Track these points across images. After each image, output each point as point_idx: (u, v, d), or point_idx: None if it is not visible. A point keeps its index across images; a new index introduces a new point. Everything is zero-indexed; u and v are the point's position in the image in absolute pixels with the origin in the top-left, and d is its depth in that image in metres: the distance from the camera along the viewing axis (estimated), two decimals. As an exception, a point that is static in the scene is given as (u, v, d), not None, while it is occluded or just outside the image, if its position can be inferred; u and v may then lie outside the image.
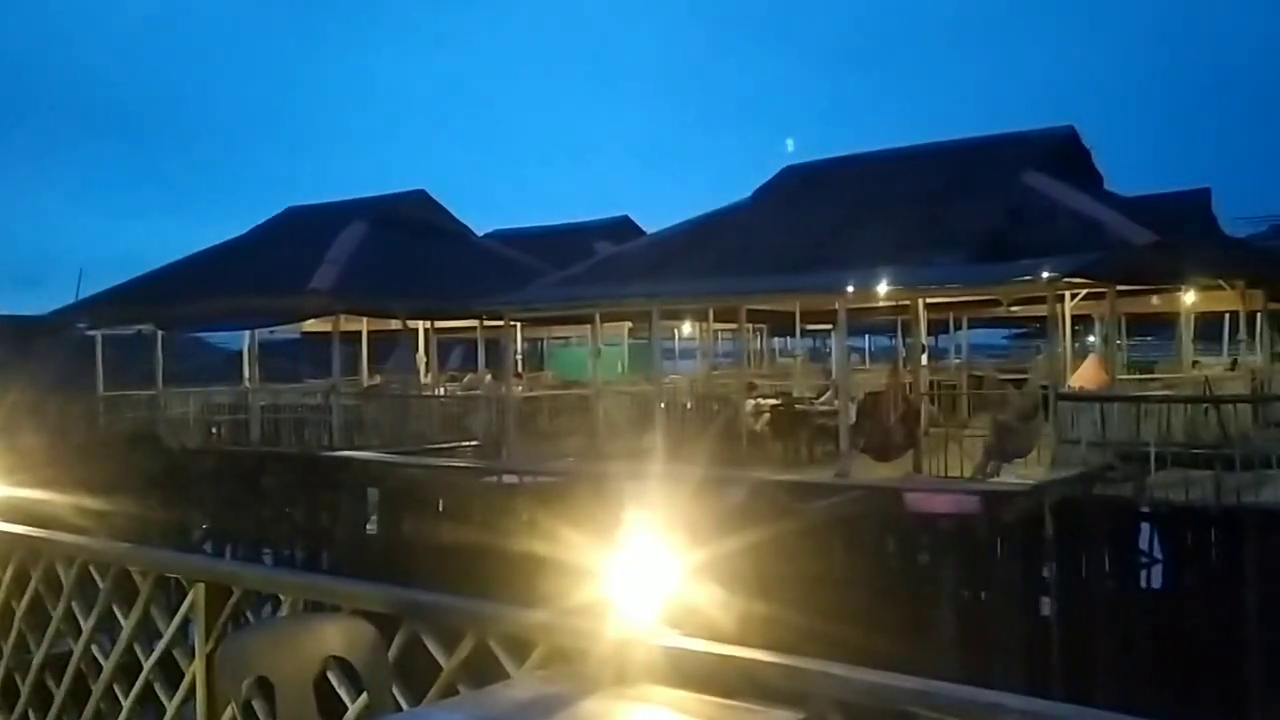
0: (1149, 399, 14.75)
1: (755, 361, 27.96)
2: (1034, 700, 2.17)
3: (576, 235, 29.26)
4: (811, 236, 16.33)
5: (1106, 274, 13.99)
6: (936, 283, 14.64)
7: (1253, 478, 12.03)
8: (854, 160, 19.30)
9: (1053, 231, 14.14)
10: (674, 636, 2.95)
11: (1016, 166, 16.27)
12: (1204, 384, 16.13)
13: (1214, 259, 16.45)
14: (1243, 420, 15.29)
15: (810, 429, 16.06)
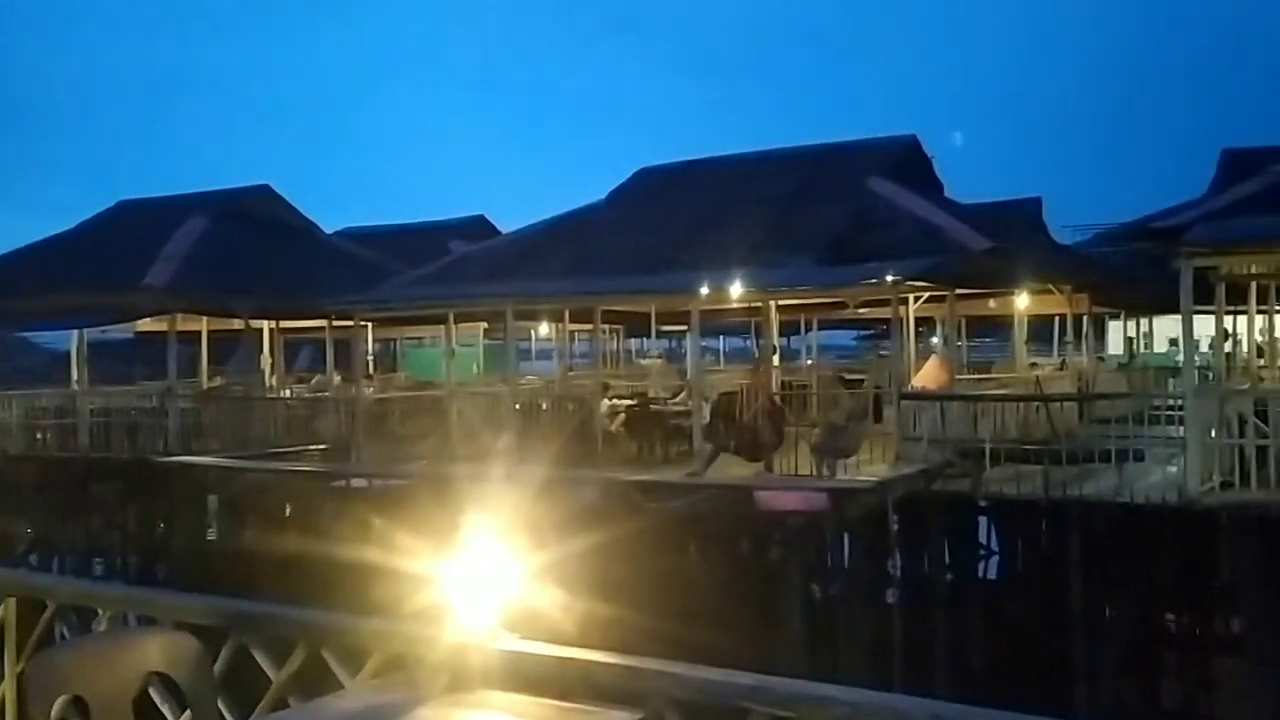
0: (985, 398, 15.43)
1: (611, 362, 28.09)
2: (860, 691, 2.20)
3: (430, 234, 28.80)
4: (665, 238, 16.48)
5: (946, 278, 14.56)
6: (787, 285, 14.96)
7: (1078, 471, 12.71)
8: (706, 164, 19.58)
9: (896, 236, 14.64)
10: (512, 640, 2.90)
11: (862, 173, 16.80)
12: (1035, 383, 16.95)
13: (1044, 264, 17.35)
14: (1070, 417, 16.15)
15: (665, 429, 16.18)
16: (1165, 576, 14.01)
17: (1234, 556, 11.37)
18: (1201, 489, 11.61)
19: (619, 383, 21.17)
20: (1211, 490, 11.68)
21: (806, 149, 18.93)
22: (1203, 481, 11.70)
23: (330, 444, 17.49)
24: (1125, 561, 12.94)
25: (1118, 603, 13.73)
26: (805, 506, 11.40)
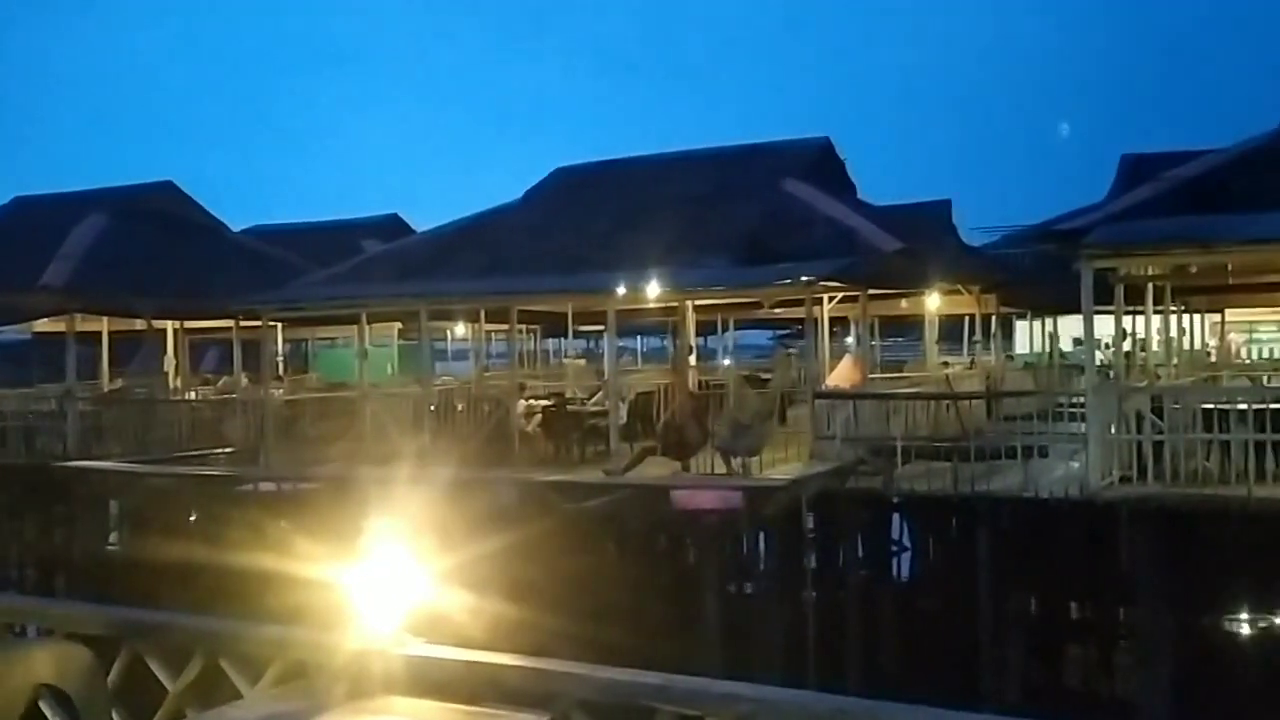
0: (897, 396, 15.71)
1: (529, 362, 27.95)
2: (766, 688, 2.20)
3: (343, 233, 28.29)
4: (582, 238, 16.44)
5: (859, 278, 14.79)
6: (703, 285, 15.04)
7: (986, 468, 13.01)
8: (623, 164, 19.60)
9: (810, 237, 14.82)
10: (417, 645, 2.85)
11: (777, 174, 16.97)
12: (945, 382, 17.32)
13: (953, 265, 17.73)
14: (979, 415, 16.54)
15: (582, 429, 16.15)
16: (1069, 568, 14.43)
17: (1132, 547, 11.73)
18: (1102, 483, 11.97)
19: (536, 383, 21.08)
20: (1111, 484, 12.04)
21: (722, 150, 19.06)
22: (1103, 476, 12.06)
23: (238, 448, 17.07)
24: (1031, 554, 13.29)
25: (1024, 594, 14.10)
26: (721, 505, 11.47)
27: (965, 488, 12.54)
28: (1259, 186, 12.91)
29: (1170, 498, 11.67)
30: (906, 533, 17.91)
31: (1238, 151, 14.27)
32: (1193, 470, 12.12)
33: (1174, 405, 12.69)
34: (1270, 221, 11.93)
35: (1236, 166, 13.78)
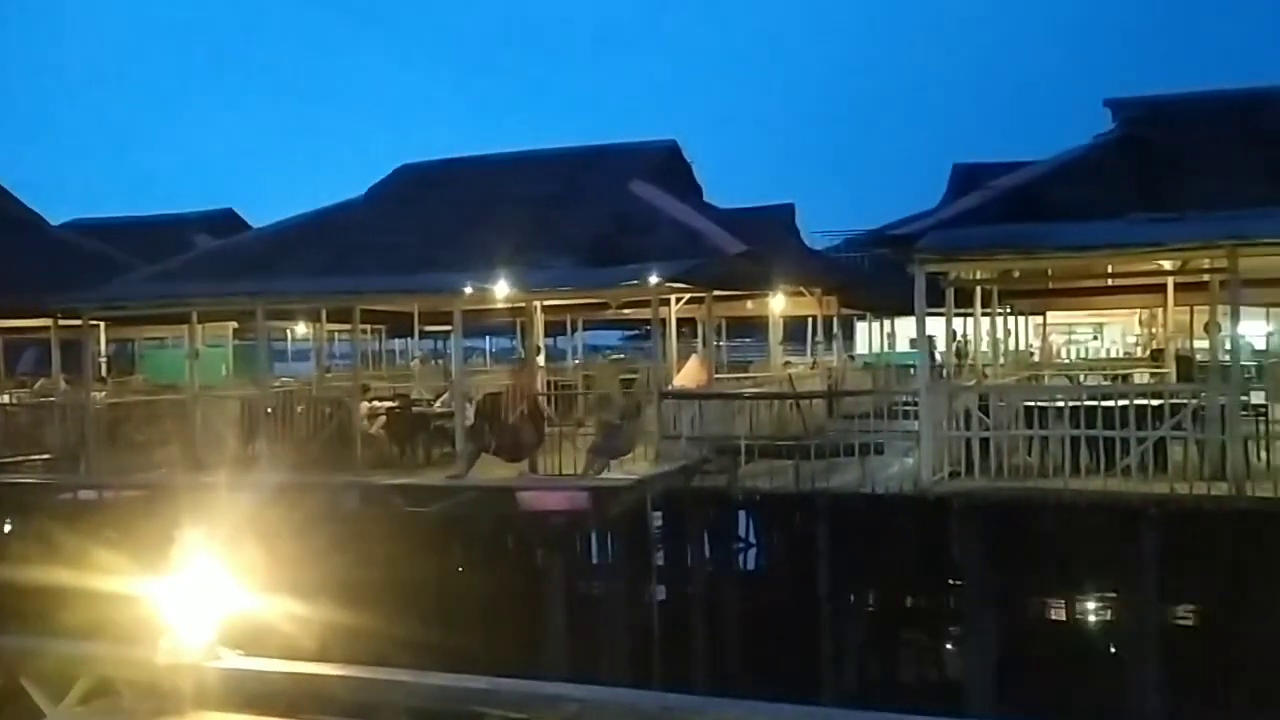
0: (741, 396, 16.01)
1: (374, 363, 27.29)
2: (593, 688, 2.18)
3: (173, 228, 26.96)
4: (427, 237, 16.16)
5: (704, 280, 15.00)
6: (550, 286, 14.99)
7: (826, 465, 13.40)
8: (469, 162, 19.35)
9: (657, 239, 14.95)
10: (233, 658, 2.73)
11: (624, 176, 17.07)
12: (788, 382, 17.75)
13: (796, 268, 18.20)
14: (820, 414, 17.02)
15: (428, 431, 15.85)
16: (904, 560, 15.02)
17: (962, 540, 12.26)
18: (934, 479, 12.47)
19: (381, 384, 20.58)
20: (942, 480, 12.56)
21: (569, 151, 19.05)
22: (935, 471, 12.56)
23: (56, 454, 16.06)
24: (868, 548, 13.77)
25: (861, 586, 14.60)
26: (567, 506, 11.44)
27: (806, 485, 12.88)
28: (1075, 196, 13.73)
29: (995, 491, 12.24)
30: (751, 530, 18.31)
31: (1056, 163, 15.13)
32: (1016, 465, 12.76)
33: (999, 403, 13.34)
34: (1084, 230, 12.68)
35: (1055, 177, 14.61)
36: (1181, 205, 12.86)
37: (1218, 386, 12.79)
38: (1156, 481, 11.84)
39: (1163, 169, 14.15)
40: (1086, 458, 12.64)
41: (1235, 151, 14.38)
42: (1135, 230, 12.49)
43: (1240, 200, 12.71)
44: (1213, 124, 15.22)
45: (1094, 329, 33.66)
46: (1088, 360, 28.62)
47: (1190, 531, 11.54)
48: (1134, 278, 18.80)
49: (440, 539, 13.70)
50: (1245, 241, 11.78)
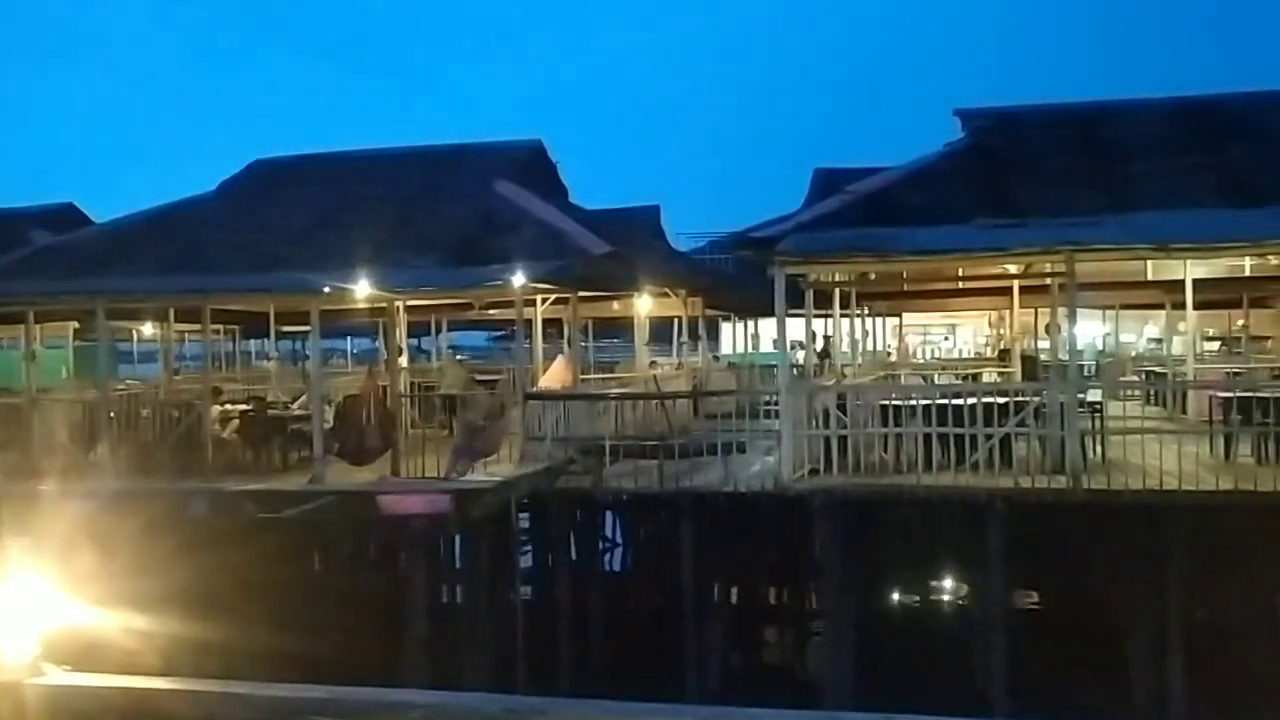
0: (606, 397, 16.04)
1: (227, 365, 26.30)
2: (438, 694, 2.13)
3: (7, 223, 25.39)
4: (283, 234, 15.63)
5: (569, 280, 14.96)
6: (411, 286, 14.69)
7: (690, 464, 13.54)
8: (327, 159, 18.82)
9: (521, 239, 14.81)
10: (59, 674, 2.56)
11: (488, 175, 16.87)
12: (653, 382, 17.87)
13: (661, 269, 18.33)
14: (685, 414, 17.19)
15: (285, 435, 15.37)
16: (766, 557, 15.31)
17: (821, 535, 12.56)
18: (794, 476, 12.75)
19: (235, 386, 19.85)
20: (802, 477, 12.85)
21: (432, 148, 18.71)
22: (795, 469, 12.85)
23: None
24: (731, 546, 13.96)
25: (725, 584, 14.79)
26: (428, 509, 11.24)
27: (670, 484, 12.98)
28: (927, 202, 14.21)
29: (852, 487, 12.59)
30: (617, 530, 18.36)
31: (910, 170, 15.62)
32: (872, 461, 13.16)
33: (857, 402, 13.73)
34: (933, 234, 13.15)
35: (909, 183, 15.08)
36: (1024, 212, 13.46)
37: (1058, 385, 13.42)
38: (1003, 476, 12.37)
39: (1008, 177, 14.77)
40: (939, 454, 13.13)
41: (1074, 161, 15.13)
42: (981, 235, 13.01)
43: (1078, 208, 13.39)
44: (1054, 135, 15.98)
45: (948, 330, 35.01)
46: (941, 360, 29.73)
47: (1033, 522, 12.08)
48: (983, 280, 19.62)
49: (297, 546, 13.30)
50: (1081, 247, 12.41)
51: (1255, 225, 12.51)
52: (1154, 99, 16.80)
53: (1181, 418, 17.89)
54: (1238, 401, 13.88)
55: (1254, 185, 13.32)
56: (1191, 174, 13.98)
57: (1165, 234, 12.51)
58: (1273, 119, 15.24)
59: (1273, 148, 14.39)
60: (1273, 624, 13.78)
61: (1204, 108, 16.00)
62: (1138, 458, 12.66)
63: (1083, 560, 13.24)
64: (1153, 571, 11.83)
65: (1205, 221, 12.74)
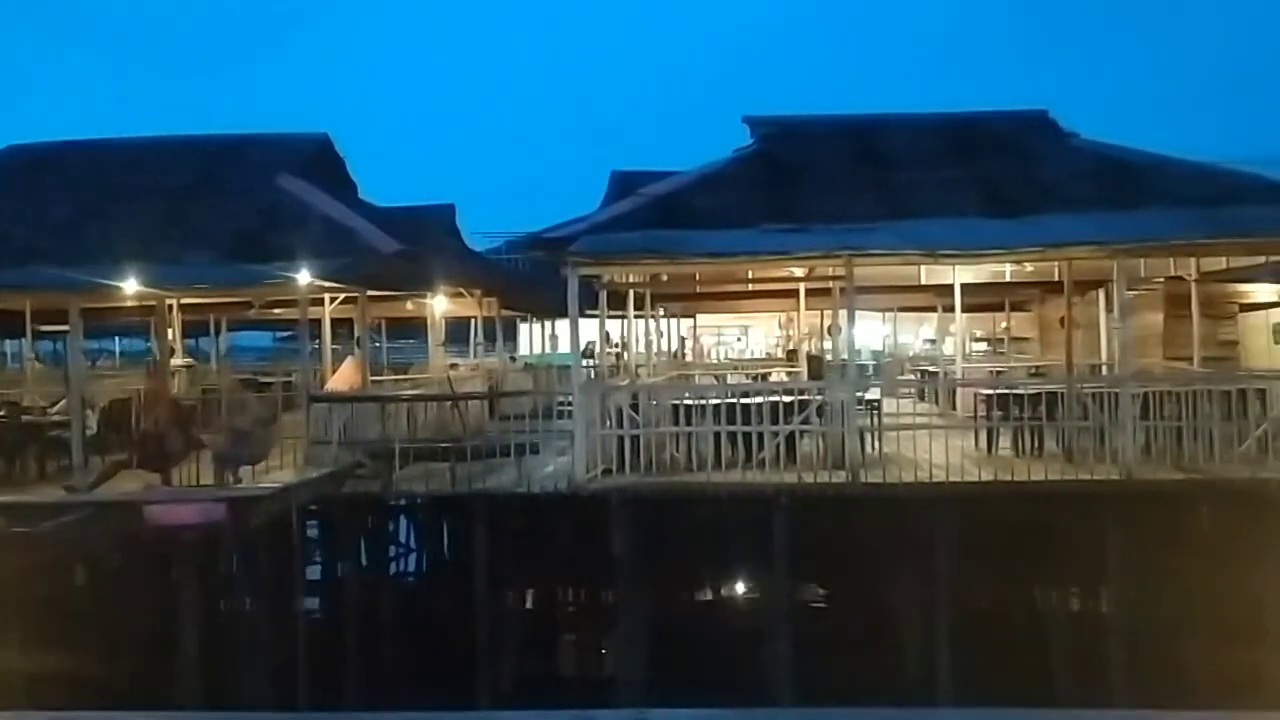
0: (397, 399, 15.63)
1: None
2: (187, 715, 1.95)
3: None
4: (40, 226, 14.44)
5: (356, 279, 14.49)
6: (184, 283, 13.86)
7: (483, 467, 13.36)
8: (91, 146, 17.47)
9: (306, 236, 14.22)
10: None
11: (270, 168, 16.12)
12: (448, 383, 17.54)
13: (455, 269, 18.01)
14: (481, 415, 16.95)
15: (41, 442, 14.22)
16: (560, 558, 15.28)
17: (615, 535, 12.63)
18: (587, 476, 12.79)
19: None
20: (595, 477, 12.91)
21: (209, 139, 17.68)
22: (589, 470, 12.89)
23: None
24: (526, 548, 13.87)
25: (520, 587, 14.69)
26: (201, 519, 10.60)
27: (463, 487, 12.76)
28: (716, 206, 14.55)
29: (645, 486, 12.75)
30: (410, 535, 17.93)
31: (700, 174, 15.97)
32: (665, 460, 13.36)
33: (651, 402, 13.90)
34: (721, 238, 13.48)
35: (699, 187, 15.41)
36: (807, 217, 13.99)
37: (838, 384, 14.01)
38: (788, 472, 12.81)
39: (792, 183, 15.31)
40: (729, 452, 13.48)
41: (853, 171, 15.83)
42: (766, 239, 13.43)
43: (856, 215, 14.02)
44: (834, 144, 16.68)
45: (741, 331, 36.06)
46: (734, 360, 30.58)
47: (816, 516, 12.55)
48: (772, 283, 20.28)
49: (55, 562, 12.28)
50: (859, 252, 13.00)
51: (1011, 235, 13.43)
52: (922, 114, 17.81)
53: (951, 414, 19.05)
54: (998, 398, 14.90)
55: (1008, 198, 14.32)
56: (955, 185, 14.89)
57: (934, 241, 13.26)
58: (1022, 137, 16.41)
59: (1023, 163, 15.51)
60: (1031, 602, 14.87)
61: (964, 124, 17.09)
62: (912, 452, 13.38)
63: (862, 550, 13.86)
64: (924, 559, 12.50)
65: (968, 230, 13.59)
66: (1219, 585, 11.93)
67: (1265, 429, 13.19)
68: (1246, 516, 11.98)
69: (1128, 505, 12.09)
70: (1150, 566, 12.32)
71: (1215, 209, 13.52)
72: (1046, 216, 13.78)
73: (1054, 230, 13.40)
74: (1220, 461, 12.84)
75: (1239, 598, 11.93)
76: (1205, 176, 14.80)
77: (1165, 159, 15.25)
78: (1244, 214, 13.38)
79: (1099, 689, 12.03)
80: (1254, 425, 13.22)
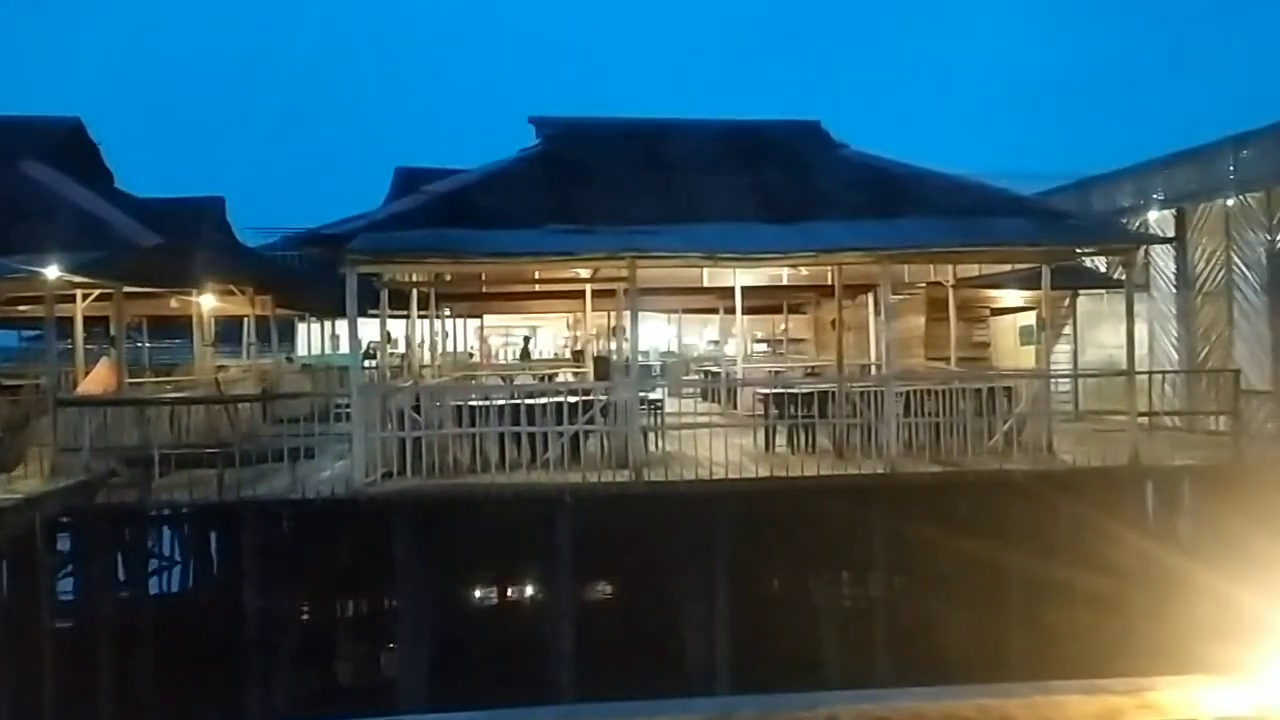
0: (157, 401, 14.68)
1: None
2: None
3: None
4: None
5: (110, 274, 13.50)
6: (-95, 275, 12.53)
7: (255, 472, 12.72)
8: None
9: (54, 227, 13.13)
10: None
11: (13, 154, 14.80)
12: (215, 385, 16.62)
13: (223, 264, 17.08)
14: (254, 419, 16.14)
15: None
16: (339, 565, 14.74)
17: (395, 539, 12.31)
18: (366, 480, 12.40)
19: None
20: (375, 481, 12.53)
21: (-59, 120, 16.10)
22: (368, 473, 12.50)
23: None
24: (301, 556, 13.29)
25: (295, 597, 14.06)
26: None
27: (231, 494, 12.10)
28: (501, 205, 14.44)
29: (427, 489, 12.49)
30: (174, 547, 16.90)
31: (485, 173, 15.81)
32: (448, 462, 13.13)
33: (435, 404, 13.63)
34: (506, 237, 13.38)
35: (484, 186, 15.25)
36: (592, 219, 14.09)
37: (622, 384, 14.17)
38: (572, 472, 12.84)
39: (578, 184, 15.38)
40: (514, 453, 13.40)
41: (637, 174, 16.07)
42: (551, 239, 13.43)
43: (640, 217, 14.23)
44: (620, 147, 16.88)
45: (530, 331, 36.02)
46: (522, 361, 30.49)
47: (600, 515, 12.63)
48: (559, 284, 20.32)
49: None
50: (642, 254, 13.18)
51: (787, 239, 13.97)
52: (704, 121, 18.30)
53: (733, 413, 19.66)
54: (775, 397, 15.47)
55: (784, 204, 14.91)
56: (736, 191, 15.38)
57: (714, 244, 13.61)
58: (797, 146, 17.13)
59: (797, 171, 16.19)
60: (806, 591, 15.51)
61: (744, 132, 17.68)
62: (696, 450, 13.69)
63: (645, 548, 14.05)
64: (704, 554, 12.80)
65: (747, 234, 14.04)
66: (972, 568, 12.80)
67: (1011, 424, 14.27)
68: (995, 505, 12.93)
69: (892, 497, 12.79)
70: (912, 554, 13.09)
71: (968, 219, 14.52)
72: (819, 223, 14.42)
73: (826, 236, 14.03)
74: (973, 455, 13.79)
75: (987, 578, 12.86)
76: (960, 189, 15.88)
77: (925, 171, 16.26)
78: (992, 225, 14.44)
79: (866, 670, 12.66)
80: (1001, 421, 14.28)
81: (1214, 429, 16.33)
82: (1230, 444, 14.48)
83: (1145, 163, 24.85)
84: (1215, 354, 21.86)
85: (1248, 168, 21.44)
